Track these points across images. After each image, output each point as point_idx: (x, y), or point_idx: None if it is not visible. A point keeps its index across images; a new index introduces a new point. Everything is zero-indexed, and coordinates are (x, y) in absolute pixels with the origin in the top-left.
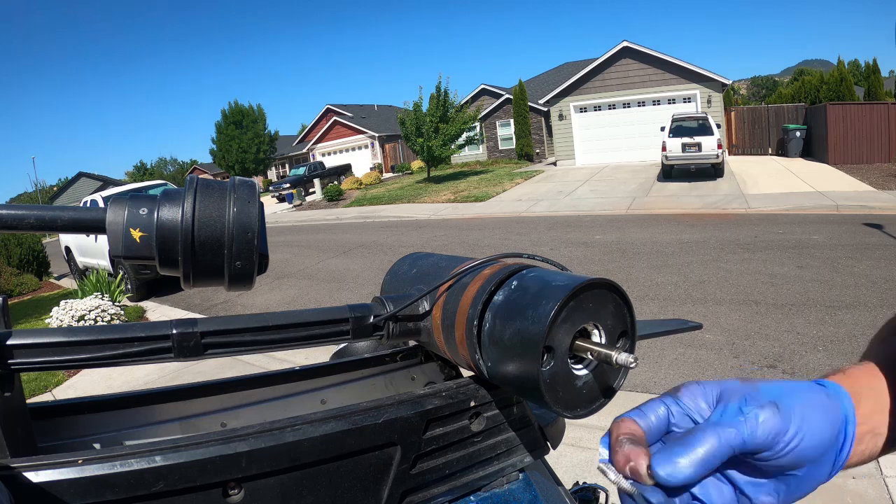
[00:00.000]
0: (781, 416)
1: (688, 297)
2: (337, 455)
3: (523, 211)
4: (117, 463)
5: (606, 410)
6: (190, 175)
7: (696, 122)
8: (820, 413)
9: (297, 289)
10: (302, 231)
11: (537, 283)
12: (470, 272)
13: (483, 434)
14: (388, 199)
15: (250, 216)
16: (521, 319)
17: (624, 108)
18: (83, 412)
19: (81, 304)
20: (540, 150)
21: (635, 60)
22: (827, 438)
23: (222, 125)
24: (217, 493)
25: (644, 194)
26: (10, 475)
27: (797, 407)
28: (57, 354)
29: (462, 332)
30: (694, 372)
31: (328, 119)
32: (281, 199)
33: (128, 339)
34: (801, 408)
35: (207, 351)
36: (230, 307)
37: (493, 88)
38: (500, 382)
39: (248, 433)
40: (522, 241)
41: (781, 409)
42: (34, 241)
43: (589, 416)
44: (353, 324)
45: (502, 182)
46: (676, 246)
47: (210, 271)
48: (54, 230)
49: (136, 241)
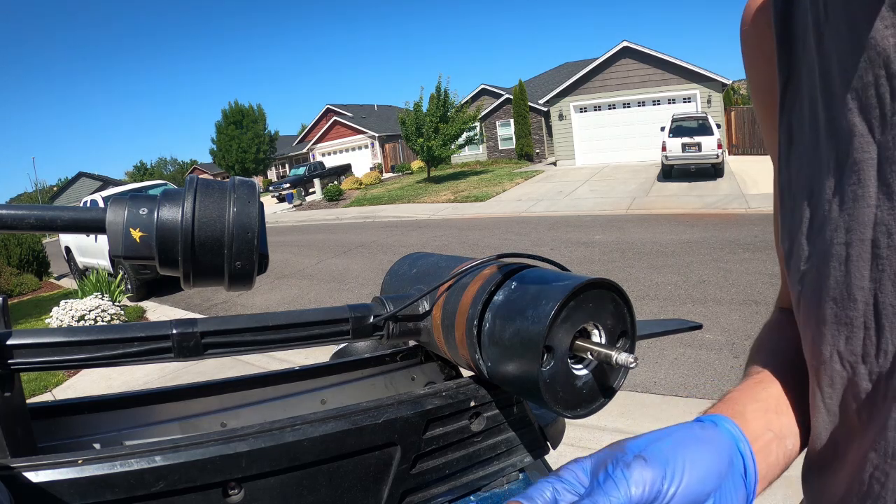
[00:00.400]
0: (651, 465)
1: (688, 297)
2: (337, 455)
3: (523, 211)
4: (117, 463)
5: (606, 410)
6: (190, 175)
7: (696, 122)
8: (696, 445)
9: (297, 289)
10: (302, 231)
11: (537, 284)
12: (470, 272)
13: (483, 434)
14: (388, 199)
15: (250, 216)
16: (521, 319)
17: (624, 108)
18: (83, 412)
19: (81, 304)
20: (540, 150)
21: (635, 60)
22: (715, 468)
23: (222, 125)
24: (217, 493)
25: (644, 194)
26: (10, 475)
27: (666, 450)
28: (57, 354)
29: (462, 332)
30: (694, 372)
31: (328, 119)
32: (281, 199)
33: (128, 339)
34: (671, 449)
35: (207, 351)
36: (230, 307)
37: (493, 88)
38: (500, 382)
39: (248, 433)
40: (522, 241)
41: (649, 458)
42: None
43: (589, 416)
44: (353, 324)
45: (502, 182)
46: (676, 246)
47: (210, 271)
48: (54, 230)
49: (136, 241)
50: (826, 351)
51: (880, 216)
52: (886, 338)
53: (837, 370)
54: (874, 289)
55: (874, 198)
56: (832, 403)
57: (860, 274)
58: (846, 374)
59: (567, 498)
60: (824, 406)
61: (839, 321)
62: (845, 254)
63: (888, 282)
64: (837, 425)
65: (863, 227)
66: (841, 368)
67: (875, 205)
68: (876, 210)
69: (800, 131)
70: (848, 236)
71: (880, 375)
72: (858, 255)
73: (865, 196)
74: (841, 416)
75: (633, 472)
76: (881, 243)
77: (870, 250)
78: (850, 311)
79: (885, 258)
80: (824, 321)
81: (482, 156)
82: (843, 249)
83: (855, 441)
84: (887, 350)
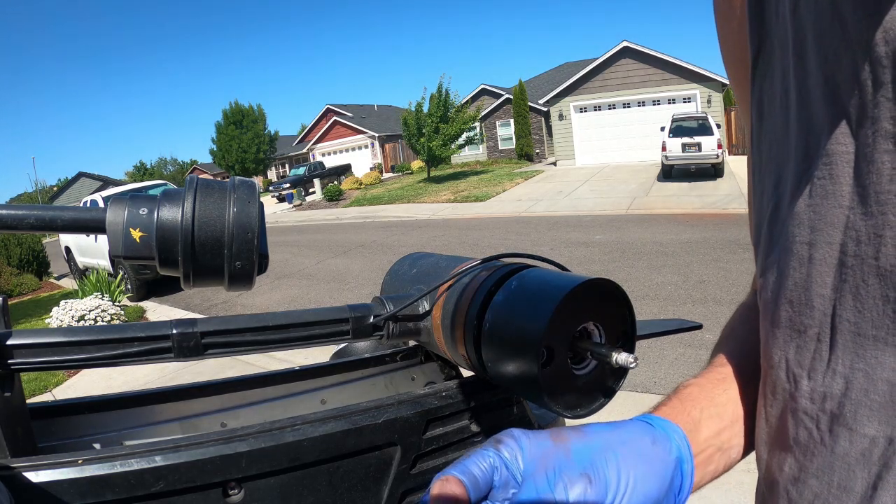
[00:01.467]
0: (595, 488)
1: (688, 297)
2: (337, 455)
3: (523, 211)
4: (117, 463)
5: (606, 410)
6: (190, 175)
7: (696, 122)
8: (644, 466)
9: (297, 289)
10: (302, 231)
11: (537, 283)
12: (470, 272)
13: (483, 434)
14: (388, 199)
15: (250, 216)
16: (521, 319)
17: (624, 108)
18: (83, 412)
19: (81, 304)
20: (540, 150)
21: (635, 60)
22: (655, 492)
23: (222, 125)
24: (217, 493)
25: (644, 194)
26: (10, 475)
27: (612, 470)
28: (57, 354)
29: (462, 332)
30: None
31: (328, 119)
32: (281, 199)
33: (128, 339)
34: (616, 469)
35: (207, 351)
36: (230, 307)
37: (493, 88)
38: (500, 382)
39: (248, 433)
40: (522, 241)
41: (595, 480)
42: (34, 241)
43: (589, 416)
44: (353, 324)
45: (502, 182)
46: (676, 246)
47: (210, 271)
48: (54, 230)
49: (136, 241)
50: (776, 355)
51: (852, 220)
52: (837, 357)
53: (781, 380)
54: (834, 298)
55: (847, 198)
56: (772, 413)
57: (821, 280)
58: (788, 388)
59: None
60: (765, 414)
61: (793, 326)
62: (808, 255)
63: (849, 294)
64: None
65: (831, 227)
66: (785, 379)
67: (848, 206)
68: (848, 212)
69: (770, 108)
70: (813, 235)
71: (825, 397)
72: (822, 259)
73: (837, 194)
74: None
75: (577, 494)
76: (848, 250)
77: (836, 256)
78: (805, 317)
79: (850, 267)
80: (778, 323)
81: (482, 156)
82: (806, 250)
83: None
84: (836, 370)
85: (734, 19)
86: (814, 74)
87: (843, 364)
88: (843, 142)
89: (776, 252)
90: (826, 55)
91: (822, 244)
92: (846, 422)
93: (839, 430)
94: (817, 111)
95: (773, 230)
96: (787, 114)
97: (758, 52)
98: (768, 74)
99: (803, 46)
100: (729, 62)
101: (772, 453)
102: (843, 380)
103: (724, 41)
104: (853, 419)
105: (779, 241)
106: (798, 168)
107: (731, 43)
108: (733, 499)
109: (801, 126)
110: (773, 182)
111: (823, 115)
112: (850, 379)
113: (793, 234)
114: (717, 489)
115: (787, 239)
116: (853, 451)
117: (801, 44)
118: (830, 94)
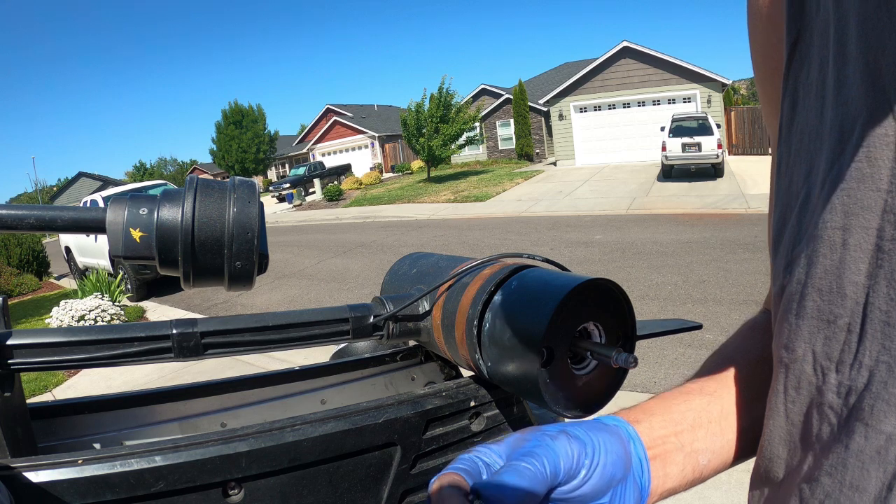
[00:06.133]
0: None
1: (688, 297)
2: (337, 455)
3: (523, 211)
4: (117, 463)
5: (606, 410)
6: (190, 175)
7: (696, 122)
8: (606, 433)
9: (297, 289)
10: (302, 231)
11: (537, 284)
12: (470, 272)
13: (483, 434)
14: (388, 199)
15: (250, 216)
16: (521, 319)
17: (624, 108)
18: (83, 412)
19: (81, 304)
20: (540, 150)
21: (635, 60)
22: (623, 457)
23: (222, 125)
24: (217, 493)
25: (644, 194)
26: (10, 475)
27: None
28: (57, 354)
29: (462, 332)
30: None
31: (328, 119)
32: (281, 199)
33: (128, 339)
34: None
35: (207, 351)
36: (230, 307)
37: (493, 88)
38: (500, 382)
39: (248, 433)
40: (522, 241)
41: (572, 435)
42: (34, 241)
43: (589, 416)
44: (353, 324)
45: (502, 182)
46: (676, 246)
47: (210, 271)
48: (54, 230)
49: (136, 241)
50: (800, 348)
51: (891, 203)
52: (865, 347)
53: (807, 374)
54: (868, 286)
55: (886, 181)
56: (794, 410)
57: (855, 266)
58: (815, 381)
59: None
60: (785, 411)
61: (821, 316)
62: (841, 240)
63: (883, 281)
64: (794, 436)
65: (867, 211)
66: (812, 372)
67: (886, 189)
68: (887, 196)
69: (805, 99)
70: (847, 220)
71: (850, 391)
72: (857, 244)
73: (874, 177)
74: (802, 426)
75: (559, 444)
76: (886, 234)
77: (873, 241)
78: (835, 306)
79: (887, 252)
80: (804, 314)
81: (482, 156)
82: (839, 235)
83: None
84: (862, 362)
85: (760, 18)
86: (854, 60)
87: (870, 356)
88: (884, 125)
89: (804, 242)
90: (869, 41)
91: (856, 229)
92: (863, 416)
93: (855, 426)
94: (855, 96)
95: (801, 220)
96: (822, 103)
97: (795, 42)
98: (805, 65)
99: (845, 33)
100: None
101: (792, 452)
102: (868, 372)
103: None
104: (870, 414)
105: (807, 231)
106: (831, 154)
107: (760, 42)
108: (733, 498)
109: (837, 113)
110: (804, 173)
111: (862, 99)
112: (873, 371)
113: (824, 221)
114: (717, 489)
115: (818, 226)
116: (868, 448)
117: (842, 31)
118: (871, 78)
